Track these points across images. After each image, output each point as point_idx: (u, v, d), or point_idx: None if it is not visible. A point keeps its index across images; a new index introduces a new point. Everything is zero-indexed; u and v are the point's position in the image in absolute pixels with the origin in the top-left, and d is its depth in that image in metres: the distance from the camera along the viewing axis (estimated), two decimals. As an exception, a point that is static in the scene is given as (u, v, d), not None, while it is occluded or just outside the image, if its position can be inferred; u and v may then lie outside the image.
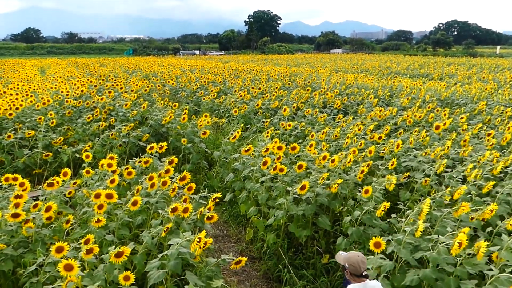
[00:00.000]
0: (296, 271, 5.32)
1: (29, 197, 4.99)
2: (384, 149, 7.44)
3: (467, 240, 3.61)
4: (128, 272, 3.49)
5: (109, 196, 4.67)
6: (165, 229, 4.14)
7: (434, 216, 4.65)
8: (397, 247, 4.04)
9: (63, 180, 5.45)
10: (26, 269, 3.90)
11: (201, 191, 5.33)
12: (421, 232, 3.91)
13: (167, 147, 7.04)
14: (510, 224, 4.18)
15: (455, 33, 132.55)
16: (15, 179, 5.16)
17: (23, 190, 4.82)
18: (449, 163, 6.85)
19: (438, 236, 3.95)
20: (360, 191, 5.27)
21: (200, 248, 3.71)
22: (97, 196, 4.64)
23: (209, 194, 5.04)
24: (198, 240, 3.66)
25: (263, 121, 11.40)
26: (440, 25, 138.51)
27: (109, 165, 5.75)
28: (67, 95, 12.63)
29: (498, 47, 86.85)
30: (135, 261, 4.05)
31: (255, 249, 6.02)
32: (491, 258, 3.90)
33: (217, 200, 4.90)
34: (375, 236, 3.93)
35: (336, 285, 4.98)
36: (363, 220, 4.80)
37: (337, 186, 5.27)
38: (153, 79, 21.06)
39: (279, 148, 6.81)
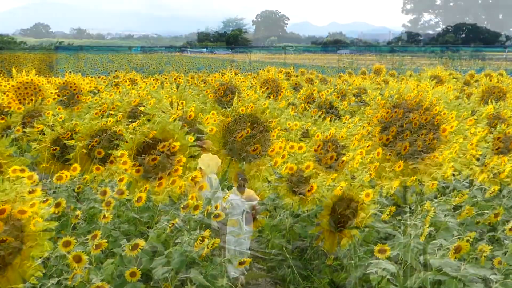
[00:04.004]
0: (301, 272, 5.34)
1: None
2: (390, 152, 7.42)
3: (467, 245, 3.60)
4: (134, 268, 3.52)
5: (120, 192, 4.68)
6: (170, 225, 4.17)
7: (437, 220, 4.64)
8: (401, 250, 4.04)
9: (71, 175, 5.50)
10: (33, 262, 3.94)
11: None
12: (425, 236, 3.91)
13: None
14: (510, 229, 4.17)
15: (463, 35, 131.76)
16: (22, 170, 5.19)
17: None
18: (457, 166, 6.83)
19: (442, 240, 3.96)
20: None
21: (207, 247, 3.75)
22: (104, 193, 4.66)
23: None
24: (201, 239, 3.69)
25: (270, 121, 11.40)
26: (449, 27, 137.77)
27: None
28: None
29: (506, 50, 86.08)
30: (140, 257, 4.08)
31: (260, 248, 6.04)
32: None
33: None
34: (379, 239, 3.94)
35: (340, 286, 4.99)
36: (366, 223, 4.80)
37: (341, 189, 5.24)
38: (161, 76, 21.15)
39: (291, 147, 6.83)
